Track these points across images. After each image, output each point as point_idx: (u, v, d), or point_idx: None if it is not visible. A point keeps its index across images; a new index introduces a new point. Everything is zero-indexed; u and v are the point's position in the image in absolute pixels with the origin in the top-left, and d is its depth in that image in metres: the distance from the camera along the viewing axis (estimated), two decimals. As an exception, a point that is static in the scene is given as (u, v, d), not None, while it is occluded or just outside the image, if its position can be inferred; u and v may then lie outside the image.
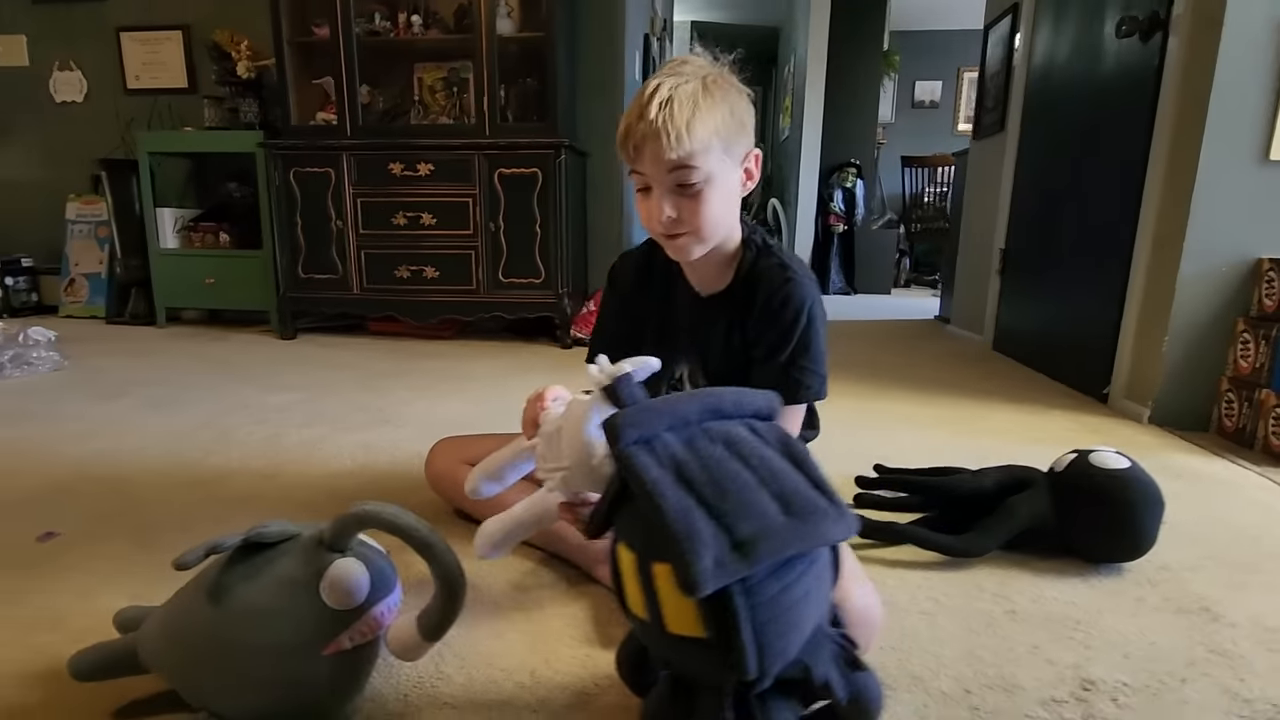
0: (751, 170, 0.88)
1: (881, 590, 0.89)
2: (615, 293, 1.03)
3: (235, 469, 1.33)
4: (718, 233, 0.87)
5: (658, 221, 0.83)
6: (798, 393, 0.89)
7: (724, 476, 0.50)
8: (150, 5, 3.11)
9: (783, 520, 0.48)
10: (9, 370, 2.04)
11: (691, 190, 0.81)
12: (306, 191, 2.67)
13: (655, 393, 0.98)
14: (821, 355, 0.91)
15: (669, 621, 0.50)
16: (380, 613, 0.68)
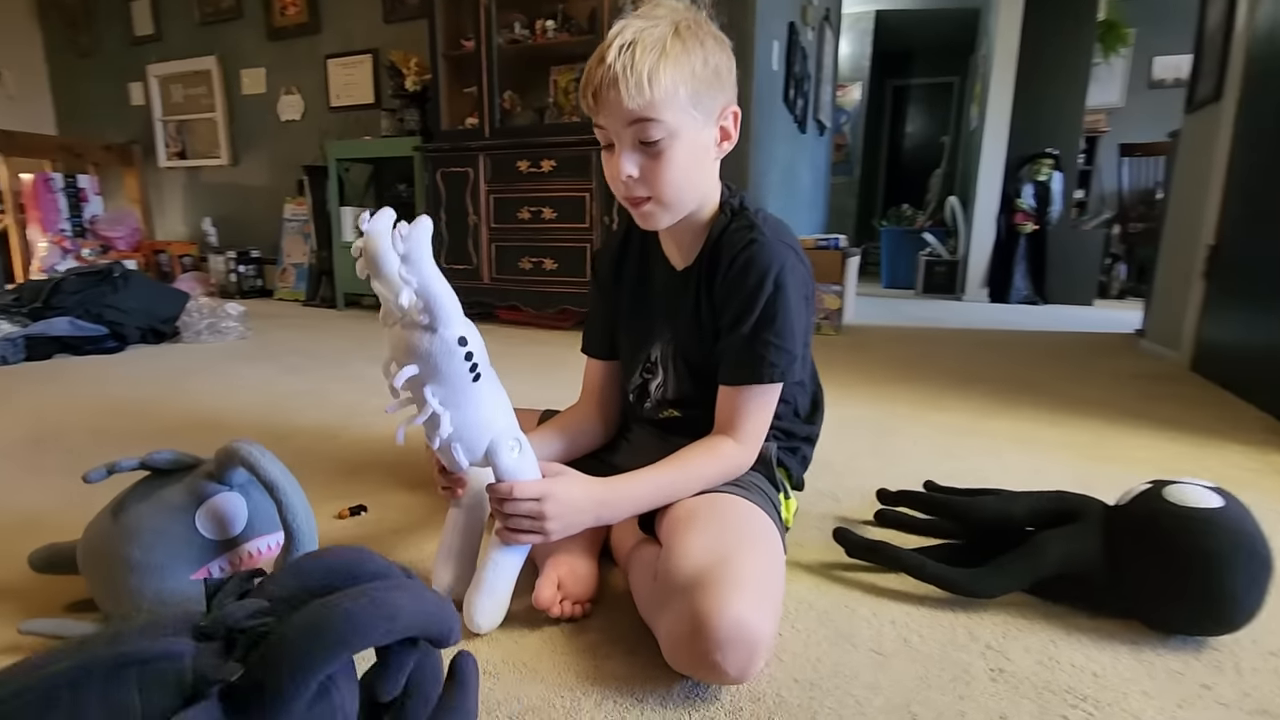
0: (729, 129, 0.79)
1: (841, 621, 0.75)
2: (596, 278, 0.99)
3: (307, 427, 1.49)
4: (685, 197, 0.79)
5: (620, 182, 0.77)
6: (759, 369, 0.78)
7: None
8: (350, 35, 3.62)
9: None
10: (205, 336, 2.49)
11: (654, 148, 0.73)
12: (450, 189, 2.92)
13: (630, 373, 0.93)
14: (792, 330, 0.78)
15: None
16: (256, 549, 0.70)
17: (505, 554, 0.73)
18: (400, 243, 0.60)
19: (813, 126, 4.30)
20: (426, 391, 0.65)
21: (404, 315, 0.64)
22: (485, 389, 0.68)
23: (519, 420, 1.06)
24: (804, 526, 1.00)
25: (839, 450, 1.35)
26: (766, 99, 3.09)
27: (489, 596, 0.72)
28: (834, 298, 2.89)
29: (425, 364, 0.64)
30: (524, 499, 0.70)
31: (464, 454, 0.69)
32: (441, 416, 0.66)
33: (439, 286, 0.63)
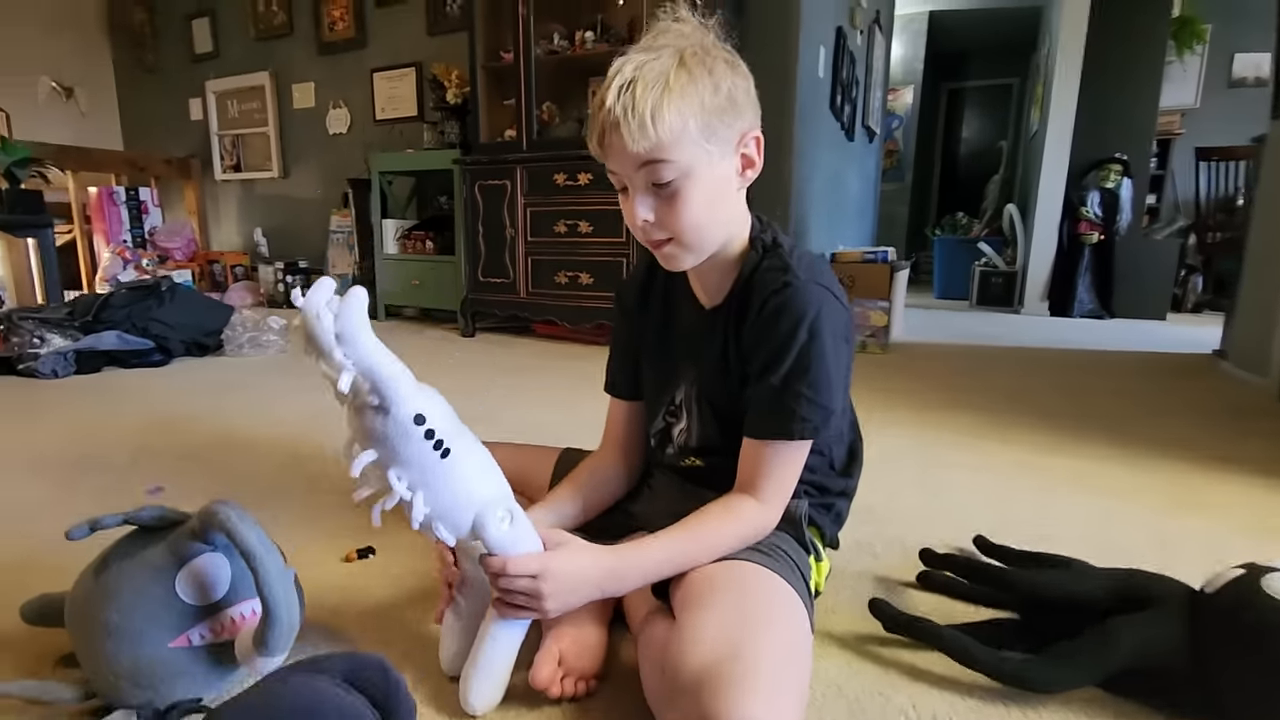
0: (751, 156, 0.73)
1: (874, 713, 0.67)
2: (621, 314, 0.92)
3: (331, 447, 1.47)
4: (707, 236, 0.73)
5: (637, 227, 0.72)
6: (789, 424, 0.71)
7: None
8: (395, 49, 3.67)
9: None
10: (247, 349, 2.53)
11: (668, 189, 0.68)
12: (488, 202, 2.91)
13: (653, 417, 0.87)
14: (827, 382, 0.71)
15: None
16: (239, 614, 0.66)
17: (503, 628, 0.67)
18: (332, 320, 0.54)
19: (861, 133, 4.15)
20: (390, 476, 0.59)
21: (354, 397, 0.58)
22: (459, 463, 0.62)
23: (536, 460, 1.01)
24: (838, 588, 0.91)
25: (880, 488, 1.25)
26: (810, 107, 2.99)
27: (485, 676, 0.66)
28: (880, 314, 2.76)
29: (383, 448, 0.58)
30: (518, 575, 0.64)
31: (447, 531, 0.63)
32: (412, 499, 0.60)
33: (382, 362, 0.57)
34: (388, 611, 0.86)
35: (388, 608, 0.87)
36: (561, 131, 2.92)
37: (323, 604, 0.87)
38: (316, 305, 0.55)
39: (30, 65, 4.32)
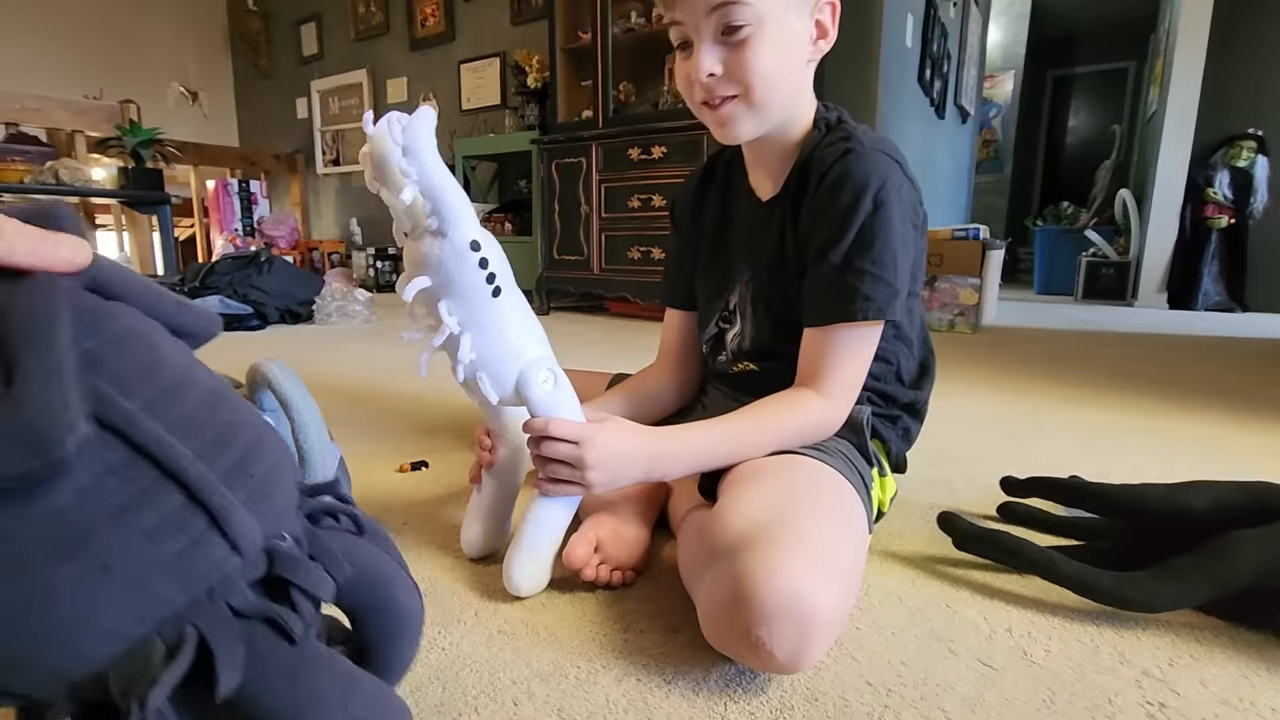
0: (826, 24, 0.67)
1: (939, 622, 0.60)
2: (675, 220, 0.89)
3: (395, 392, 1.51)
4: (775, 96, 0.67)
5: (698, 83, 0.66)
6: (851, 304, 0.65)
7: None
8: (480, 40, 3.79)
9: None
10: (334, 319, 2.66)
11: (738, 35, 0.63)
12: (563, 180, 2.95)
13: (706, 323, 0.82)
14: (894, 257, 0.65)
15: None
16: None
17: (546, 507, 0.64)
18: (400, 134, 0.53)
19: (953, 112, 3.94)
20: (441, 308, 0.58)
21: (413, 224, 0.57)
22: (509, 308, 0.61)
23: (583, 385, 0.99)
24: (904, 514, 0.84)
25: (957, 441, 1.16)
26: (896, 76, 2.86)
27: (528, 556, 0.63)
28: (970, 291, 2.59)
29: (436, 274, 0.57)
30: (561, 439, 0.61)
31: (491, 385, 0.61)
32: (461, 337, 0.59)
33: (446, 183, 0.55)
34: (432, 510, 0.85)
35: (432, 506, 0.87)
36: (639, 109, 2.92)
37: (372, 501, 0.88)
38: (386, 122, 0.54)
39: (162, 73, 4.77)
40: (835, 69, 2.59)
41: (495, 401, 0.62)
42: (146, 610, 0.31)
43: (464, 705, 0.49)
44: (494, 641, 0.57)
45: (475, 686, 0.52)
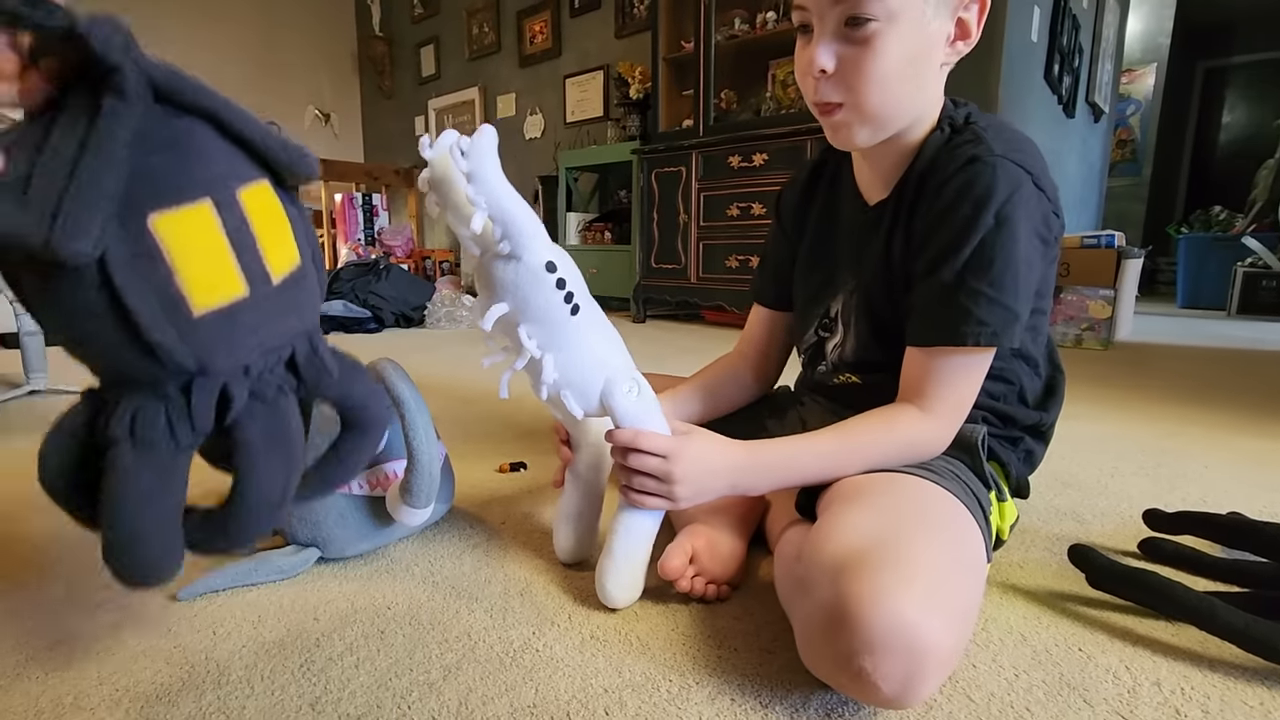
0: (969, 24, 0.61)
1: (1069, 667, 0.55)
2: (777, 216, 0.85)
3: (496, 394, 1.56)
4: (893, 109, 0.62)
5: (810, 75, 0.61)
6: (960, 327, 0.59)
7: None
8: (586, 55, 3.89)
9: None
10: (443, 323, 2.80)
11: (862, 31, 0.57)
12: (663, 190, 2.96)
13: (804, 330, 0.79)
14: (1014, 281, 0.59)
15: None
16: (394, 470, 0.70)
17: (634, 518, 0.63)
18: (463, 160, 0.51)
19: (1084, 110, 3.64)
20: (521, 333, 0.57)
21: (483, 249, 0.57)
22: (588, 323, 0.59)
23: (663, 388, 0.97)
24: (1028, 544, 0.77)
25: (1086, 467, 1.05)
26: (1020, 74, 2.67)
27: (623, 567, 0.62)
28: (1102, 304, 2.37)
29: (513, 298, 0.56)
30: (649, 452, 0.59)
31: (576, 402, 0.60)
32: (543, 360, 0.58)
33: (515, 205, 0.54)
34: (529, 511, 0.87)
35: (530, 507, 0.88)
36: (741, 117, 2.90)
37: (473, 499, 0.91)
38: (447, 144, 0.54)
39: (301, 96, 5.22)
40: (954, 66, 2.45)
41: (580, 417, 0.61)
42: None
43: (556, 709, 0.49)
44: (586, 647, 0.57)
45: (567, 691, 0.51)
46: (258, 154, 0.44)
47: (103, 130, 0.36)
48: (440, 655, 0.56)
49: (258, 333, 0.43)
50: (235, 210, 0.41)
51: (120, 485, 0.40)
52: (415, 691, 0.51)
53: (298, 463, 0.47)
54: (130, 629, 0.60)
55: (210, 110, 0.41)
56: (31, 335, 1.47)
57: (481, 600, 0.65)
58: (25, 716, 0.49)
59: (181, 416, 0.41)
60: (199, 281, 0.40)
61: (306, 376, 0.47)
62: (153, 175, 0.38)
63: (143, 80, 0.37)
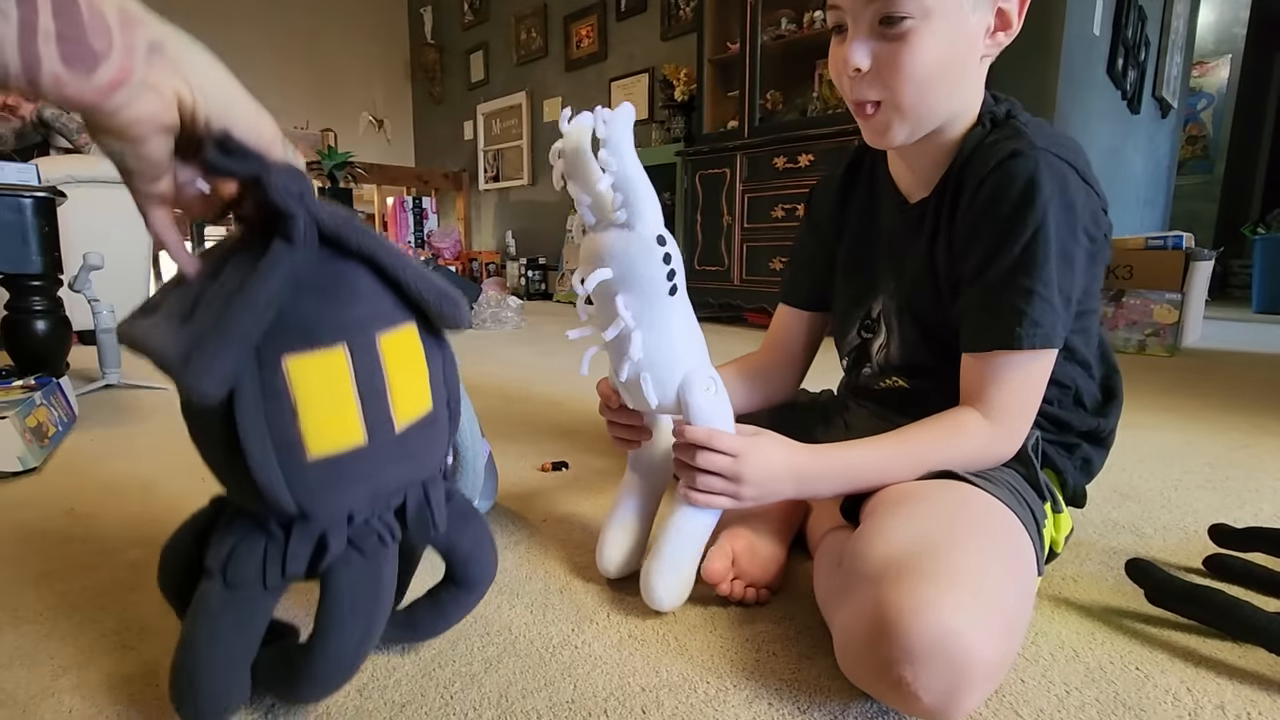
0: (1010, 15, 0.60)
1: (1125, 686, 0.53)
2: (810, 215, 0.84)
3: (539, 394, 1.59)
4: (932, 105, 0.61)
5: (845, 75, 0.61)
6: (1012, 328, 0.58)
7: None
8: (631, 58, 3.91)
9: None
10: (489, 324, 2.85)
11: (897, 29, 0.57)
12: (706, 191, 2.96)
13: (846, 332, 0.78)
14: (1056, 278, 0.57)
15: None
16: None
17: (689, 519, 0.61)
18: (602, 128, 0.53)
19: (1150, 105, 3.48)
20: (618, 302, 0.56)
21: (601, 217, 0.57)
22: (680, 310, 0.59)
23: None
24: (1081, 557, 0.74)
25: (1147, 478, 1.01)
26: (1080, 68, 2.57)
27: (672, 570, 0.61)
28: (1167, 308, 2.26)
29: (619, 265, 0.55)
30: (720, 451, 0.58)
31: (654, 389, 0.59)
32: (632, 334, 0.57)
33: (639, 177, 0.54)
34: (570, 510, 0.88)
35: (570, 506, 0.89)
36: (787, 117, 2.87)
37: (515, 496, 0.92)
38: (586, 120, 0.56)
39: (355, 104, 5.40)
40: (1006, 64, 2.36)
41: (654, 405, 0.60)
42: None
43: (594, 706, 0.50)
44: (624, 646, 0.58)
45: (605, 689, 0.52)
46: (410, 299, 0.44)
47: (261, 272, 0.37)
48: (482, 648, 0.57)
49: (369, 482, 0.43)
50: (371, 356, 0.41)
51: (199, 622, 0.41)
52: (458, 682, 0.53)
53: (380, 621, 0.46)
54: (193, 612, 0.63)
55: (370, 254, 0.42)
56: (107, 333, 1.56)
57: (522, 596, 0.66)
58: (98, 691, 0.52)
59: (276, 558, 0.42)
60: (318, 427, 0.40)
61: (413, 528, 0.47)
62: (297, 316, 0.39)
63: (312, 227, 0.39)
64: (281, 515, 0.41)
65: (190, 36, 0.37)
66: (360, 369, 0.41)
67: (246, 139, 0.38)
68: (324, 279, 0.40)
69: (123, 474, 1.02)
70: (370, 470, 0.42)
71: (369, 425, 0.42)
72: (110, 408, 1.45)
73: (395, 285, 0.43)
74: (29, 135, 2.36)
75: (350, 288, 0.41)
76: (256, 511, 0.42)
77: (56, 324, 1.52)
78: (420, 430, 0.45)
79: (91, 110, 0.34)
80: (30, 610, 0.64)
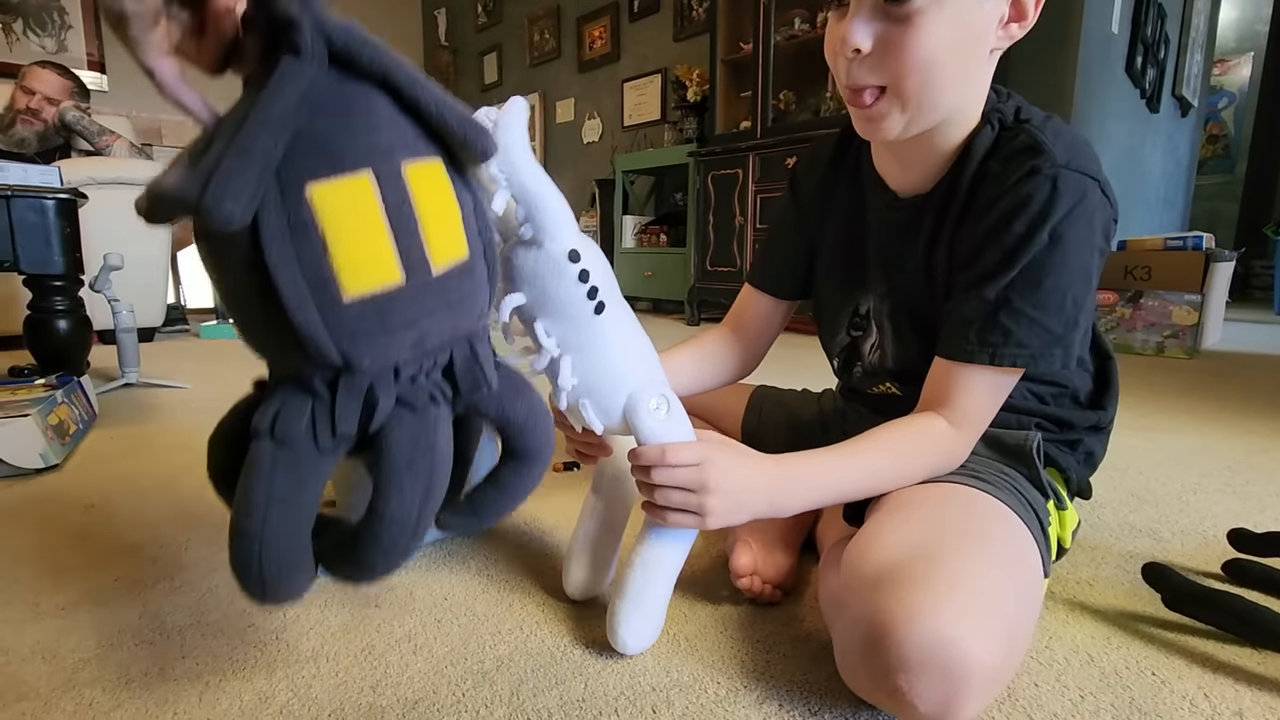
0: (1025, 5, 0.54)
1: (1140, 692, 0.53)
2: (793, 198, 0.78)
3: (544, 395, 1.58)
4: (936, 97, 0.55)
5: (843, 56, 0.55)
6: (1001, 347, 0.55)
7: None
8: (644, 58, 3.92)
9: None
10: (501, 323, 2.87)
11: (904, 9, 0.51)
12: (719, 192, 2.95)
13: (834, 331, 0.76)
14: (1060, 302, 0.55)
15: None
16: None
17: (656, 550, 0.56)
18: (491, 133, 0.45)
19: (1169, 104, 3.43)
20: (539, 328, 0.52)
21: (505, 235, 0.52)
22: (613, 327, 0.54)
23: (719, 400, 0.90)
24: (1097, 560, 0.73)
25: (1165, 482, 0.99)
26: (1098, 68, 2.54)
27: (637, 610, 0.55)
28: (1187, 310, 2.23)
29: (532, 289, 0.51)
30: (679, 465, 0.52)
31: (595, 414, 0.54)
32: (560, 361, 0.53)
33: (541, 186, 0.49)
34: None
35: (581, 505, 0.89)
36: (800, 117, 2.86)
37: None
38: (483, 115, 0.48)
39: (371, 105, 5.44)
40: (1021, 61, 2.35)
41: (600, 431, 0.56)
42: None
43: (605, 705, 0.50)
44: (634, 646, 0.58)
45: (616, 688, 0.52)
46: (432, 128, 0.40)
47: (270, 89, 0.34)
48: (494, 646, 0.58)
49: (412, 329, 0.39)
50: (398, 186, 0.38)
51: (252, 481, 0.38)
52: (470, 680, 0.53)
53: (441, 482, 0.43)
54: (211, 609, 0.64)
55: (385, 73, 0.38)
56: (126, 332, 1.58)
57: (534, 595, 0.66)
58: (118, 684, 0.53)
59: (325, 417, 0.39)
60: (351, 262, 0.36)
61: (463, 387, 0.44)
62: (315, 140, 0.36)
63: (320, 38, 0.35)
64: (325, 368, 0.38)
65: None
66: (389, 199, 0.37)
67: None
68: (338, 100, 0.37)
69: (142, 471, 1.04)
70: (413, 314, 0.39)
71: (405, 263, 0.38)
72: (130, 406, 1.48)
73: (414, 111, 0.39)
74: (51, 138, 2.40)
75: (367, 110, 0.38)
76: (299, 372, 0.39)
77: (77, 323, 1.54)
78: (459, 277, 0.41)
79: None
80: (51, 604, 0.65)
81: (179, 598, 0.66)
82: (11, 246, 1.38)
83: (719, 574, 0.70)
